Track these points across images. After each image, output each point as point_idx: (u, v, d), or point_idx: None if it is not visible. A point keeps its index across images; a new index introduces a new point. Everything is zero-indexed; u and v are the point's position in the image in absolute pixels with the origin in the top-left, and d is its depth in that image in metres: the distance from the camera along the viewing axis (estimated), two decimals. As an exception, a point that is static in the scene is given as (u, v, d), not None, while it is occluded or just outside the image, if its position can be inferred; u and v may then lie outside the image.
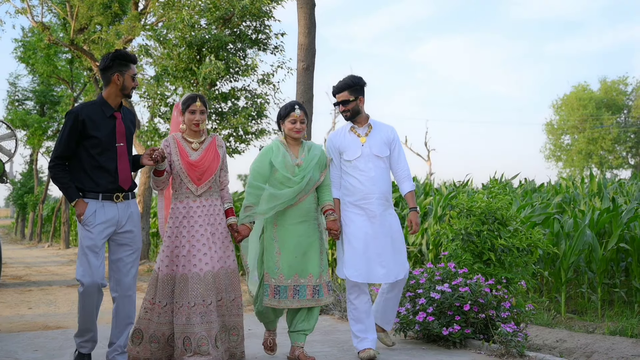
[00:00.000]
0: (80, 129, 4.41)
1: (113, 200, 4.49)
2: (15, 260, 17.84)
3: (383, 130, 5.22)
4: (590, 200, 10.59)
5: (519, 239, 5.90)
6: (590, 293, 8.30)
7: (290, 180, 4.89)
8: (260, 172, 4.95)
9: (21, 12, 15.33)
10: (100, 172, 4.45)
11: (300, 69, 8.26)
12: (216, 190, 4.85)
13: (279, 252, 4.86)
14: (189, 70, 12.12)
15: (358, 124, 5.19)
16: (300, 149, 5.03)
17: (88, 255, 4.40)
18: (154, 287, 4.68)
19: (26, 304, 8.64)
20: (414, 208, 5.20)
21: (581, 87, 47.19)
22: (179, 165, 4.74)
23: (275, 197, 4.83)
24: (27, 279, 12.20)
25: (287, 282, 4.84)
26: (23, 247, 26.78)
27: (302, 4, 8.30)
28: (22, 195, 34.60)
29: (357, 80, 5.17)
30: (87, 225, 4.43)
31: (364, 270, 4.98)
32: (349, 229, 5.05)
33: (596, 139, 44.65)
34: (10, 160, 10.87)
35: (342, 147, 5.15)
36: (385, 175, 5.14)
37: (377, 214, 5.03)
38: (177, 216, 4.72)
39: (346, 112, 5.15)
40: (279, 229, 4.90)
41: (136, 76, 4.62)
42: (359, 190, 5.04)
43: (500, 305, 5.34)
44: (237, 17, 12.12)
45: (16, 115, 26.25)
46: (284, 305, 4.86)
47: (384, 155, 5.13)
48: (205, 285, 4.54)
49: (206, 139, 4.92)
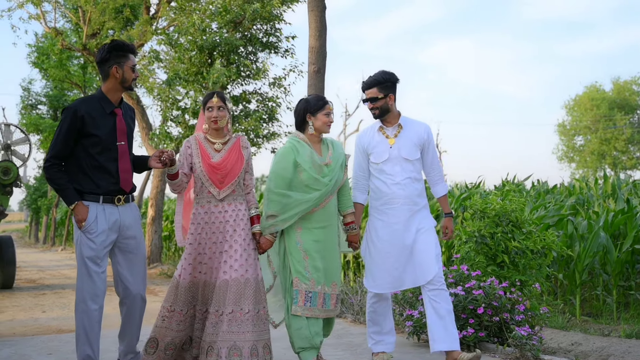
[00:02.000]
0: (79, 127, 4.07)
1: (114, 203, 4.16)
2: (29, 263, 17.94)
3: (415, 129, 4.84)
4: (604, 201, 10.52)
5: (533, 241, 5.86)
6: (606, 295, 8.24)
7: (319, 182, 4.50)
8: (283, 175, 4.50)
9: (35, 17, 15.42)
10: (100, 172, 4.12)
11: (311, 71, 8.26)
12: (240, 194, 4.51)
13: (305, 257, 4.49)
14: (200, 74, 12.16)
15: (387, 124, 4.85)
16: (323, 147, 4.67)
17: (90, 269, 4.07)
18: (173, 295, 4.41)
19: (40, 308, 8.67)
20: (449, 214, 4.93)
21: (593, 87, 46.91)
22: (200, 167, 4.45)
23: (302, 202, 4.45)
24: (41, 283, 12.26)
25: (317, 289, 4.47)
26: (37, 251, 26.93)
27: (312, 7, 8.30)
28: (35, 199, 34.82)
29: (388, 76, 4.83)
30: (89, 232, 4.08)
31: (382, 281, 4.76)
32: (371, 237, 4.83)
33: (609, 140, 44.36)
34: (24, 165, 10.94)
35: (369, 148, 4.83)
36: (414, 179, 4.79)
37: (401, 219, 4.72)
38: (198, 222, 4.44)
39: (374, 110, 4.82)
40: (304, 233, 4.52)
41: (136, 67, 4.28)
42: (384, 194, 4.75)
43: (515, 308, 5.31)
44: (248, 20, 12.14)
45: (30, 120, 26.42)
46: (314, 314, 4.46)
47: (413, 158, 4.78)
48: (226, 293, 4.27)
49: (230, 139, 4.59)
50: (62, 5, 16.85)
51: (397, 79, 4.87)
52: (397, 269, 4.71)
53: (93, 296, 4.08)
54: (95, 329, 4.10)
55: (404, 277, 4.72)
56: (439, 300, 4.61)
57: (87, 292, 4.07)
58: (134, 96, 15.17)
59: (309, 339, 4.44)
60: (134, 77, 4.25)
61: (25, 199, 39.09)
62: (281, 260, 4.62)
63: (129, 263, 4.25)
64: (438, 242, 4.79)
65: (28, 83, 28.86)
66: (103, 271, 4.12)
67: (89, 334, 4.08)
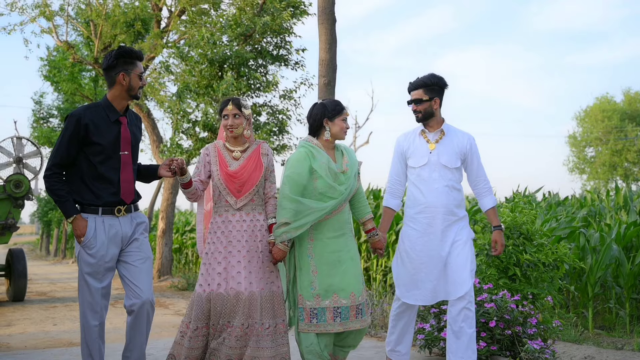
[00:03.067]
0: (82, 135, 3.93)
1: (114, 214, 4.01)
2: (40, 276, 18.00)
3: (457, 138, 4.66)
4: (616, 213, 10.47)
5: (544, 254, 5.83)
6: (618, 308, 8.18)
7: (334, 190, 4.31)
8: (299, 181, 4.28)
9: (47, 31, 15.55)
10: (101, 182, 3.98)
11: (321, 84, 8.28)
12: (259, 203, 4.39)
13: (315, 271, 4.29)
14: (210, 87, 12.21)
15: (430, 128, 4.67)
16: (337, 154, 4.50)
17: (89, 285, 3.96)
18: (191, 309, 4.29)
19: (51, 321, 8.69)
20: (499, 226, 4.68)
21: (604, 98, 46.77)
22: (218, 175, 4.34)
23: (316, 210, 4.24)
24: (52, 295, 12.29)
25: (324, 304, 4.26)
26: (48, 264, 27.03)
27: (322, 20, 8.33)
28: (47, 212, 34.99)
29: (436, 79, 4.64)
30: (88, 248, 3.95)
31: (415, 292, 4.59)
32: (404, 246, 4.65)
33: (620, 151, 44.15)
34: (36, 178, 11.01)
35: (408, 151, 4.67)
36: (452, 188, 4.59)
37: (437, 230, 4.54)
38: (215, 231, 4.33)
39: (418, 112, 4.64)
40: (316, 244, 4.32)
41: (143, 75, 4.13)
42: (419, 202, 4.58)
43: (527, 321, 5.27)
44: (258, 33, 12.20)
45: (41, 133, 26.59)
46: (325, 329, 4.27)
47: (453, 167, 4.58)
48: (243, 306, 4.15)
49: (250, 146, 4.46)
50: (73, 19, 16.99)
51: (445, 83, 4.69)
52: (431, 281, 4.54)
53: (92, 312, 3.99)
54: (96, 344, 4.02)
55: (438, 289, 4.55)
56: (462, 322, 4.47)
57: (87, 307, 3.99)
58: (144, 109, 15.26)
59: (319, 353, 4.31)
60: (141, 85, 4.11)
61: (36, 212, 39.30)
62: (291, 272, 4.47)
63: (134, 267, 4.07)
64: (474, 257, 4.62)
65: (40, 96, 29.08)
66: (104, 287, 4.00)
67: (91, 349, 4.02)
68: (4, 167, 10.75)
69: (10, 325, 8.25)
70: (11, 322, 8.49)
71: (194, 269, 16.97)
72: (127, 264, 4.07)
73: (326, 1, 8.30)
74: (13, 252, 11.37)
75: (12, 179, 10.14)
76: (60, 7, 15.63)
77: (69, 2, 15.45)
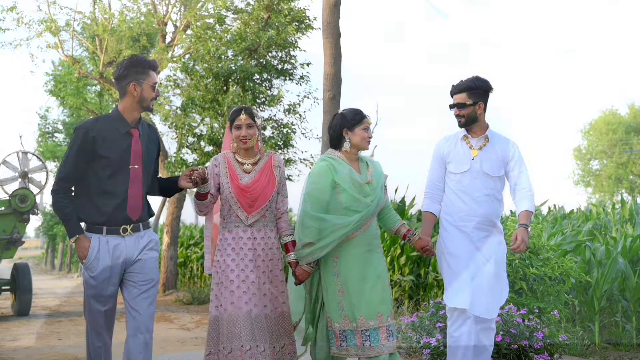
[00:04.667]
0: (90, 148, 3.72)
1: (120, 234, 3.77)
2: (45, 290, 18.00)
3: (501, 145, 4.42)
4: (622, 226, 10.44)
5: (550, 268, 5.81)
6: (625, 322, 8.13)
7: (360, 203, 4.06)
8: (320, 197, 4.05)
9: (52, 47, 15.65)
10: (106, 197, 3.74)
11: (326, 98, 8.29)
12: (271, 219, 4.17)
13: (341, 290, 4.03)
14: (215, 101, 12.26)
15: (473, 134, 4.43)
16: (362, 165, 4.26)
17: (92, 307, 3.77)
18: (209, 333, 4.08)
19: (56, 335, 8.68)
20: (525, 225, 4.31)
21: (609, 111, 46.77)
22: (229, 189, 4.08)
23: (341, 226, 3.99)
24: (57, 310, 12.28)
25: (352, 326, 4.00)
26: (53, 278, 27.04)
27: (327, 34, 8.36)
28: (52, 226, 35.02)
29: (480, 83, 4.40)
30: (90, 270, 3.74)
31: (467, 295, 4.22)
32: (447, 248, 4.36)
33: (625, 164, 44.08)
34: (41, 192, 11.04)
35: (449, 156, 4.43)
36: (494, 198, 4.36)
37: (476, 239, 4.31)
38: (224, 248, 4.09)
39: (460, 117, 4.40)
40: (342, 262, 4.06)
41: (157, 85, 3.90)
42: (460, 210, 4.33)
43: (533, 335, 5.25)
44: (263, 47, 12.26)
45: (46, 147, 26.71)
46: (352, 354, 4.01)
47: (495, 175, 4.35)
48: (254, 327, 3.91)
49: (261, 158, 4.23)
50: (79, 34, 17.10)
51: (490, 87, 4.45)
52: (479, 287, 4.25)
53: (96, 334, 3.82)
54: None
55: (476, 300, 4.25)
56: (483, 338, 4.32)
57: (91, 327, 3.83)
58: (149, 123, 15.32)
59: None
60: (154, 96, 3.88)
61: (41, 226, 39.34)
62: (314, 291, 4.22)
63: (133, 290, 3.83)
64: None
65: (45, 111, 29.22)
66: (107, 309, 3.80)
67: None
68: (9, 181, 10.79)
69: (15, 339, 8.24)
70: (16, 337, 8.48)
71: (199, 283, 16.94)
72: (129, 284, 3.83)
73: (331, 15, 8.33)
74: (18, 267, 11.39)
75: (18, 194, 10.18)
76: (66, 22, 15.73)
77: (74, 18, 15.56)
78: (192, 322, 9.72)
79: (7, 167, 10.83)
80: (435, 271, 9.50)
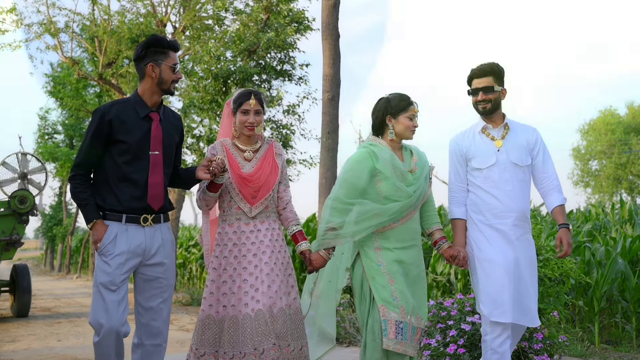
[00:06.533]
0: (106, 132, 3.53)
1: (140, 223, 3.58)
2: (45, 292, 17.98)
3: (523, 132, 4.13)
4: (621, 227, 10.43)
5: (550, 269, 5.80)
6: (625, 323, 8.13)
7: (401, 192, 3.78)
8: (356, 184, 3.78)
9: (52, 48, 15.65)
10: (125, 185, 3.55)
11: (325, 99, 8.29)
12: (274, 210, 3.90)
13: (391, 280, 3.73)
14: (214, 102, 12.27)
15: (493, 123, 4.12)
16: (405, 153, 3.98)
17: (104, 295, 3.46)
18: (199, 332, 3.80)
19: (55, 337, 8.66)
20: (565, 224, 4.01)
21: (608, 111, 46.79)
22: (229, 179, 3.81)
23: (378, 213, 3.72)
24: (56, 311, 12.27)
25: (407, 319, 3.70)
26: (52, 279, 27.01)
27: (326, 35, 8.36)
28: (51, 227, 34.99)
29: (501, 68, 4.11)
30: (105, 255, 3.51)
31: (508, 305, 3.87)
32: (481, 253, 3.99)
33: (625, 164, 44.11)
34: (40, 193, 11.03)
35: (470, 152, 4.09)
36: (525, 189, 4.05)
37: (513, 238, 3.97)
38: (225, 243, 3.80)
39: (486, 102, 4.05)
40: (384, 254, 3.78)
41: (177, 67, 3.66)
42: (491, 207, 3.99)
43: (533, 336, 5.24)
44: (262, 48, 12.27)
45: (46, 149, 26.67)
46: (406, 349, 3.69)
47: (523, 164, 4.03)
48: (258, 328, 3.60)
49: (262, 146, 3.98)
50: (78, 35, 17.10)
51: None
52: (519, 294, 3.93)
53: (108, 330, 3.46)
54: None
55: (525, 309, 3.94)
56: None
57: (103, 323, 3.46)
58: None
59: None
60: (175, 78, 3.66)
61: (40, 227, 39.33)
62: (357, 291, 3.85)
63: (151, 295, 3.66)
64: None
65: (45, 112, 29.21)
66: (121, 299, 3.51)
67: None
68: (8, 183, 10.78)
69: (14, 341, 8.23)
70: (15, 338, 8.47)
71: (198, 284, 16.93)
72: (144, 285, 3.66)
73: (330, 16, 8.34)
74: (17, 268, 11.38)
75: (17, 195, 10.17)
76: (65, 24, 15.74)
77: (73, 19, 15.56)
78: (192, 323, 9.71)
79: (6, 169, 10.82)
80: (434, 272, 9.50)
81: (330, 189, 7.94)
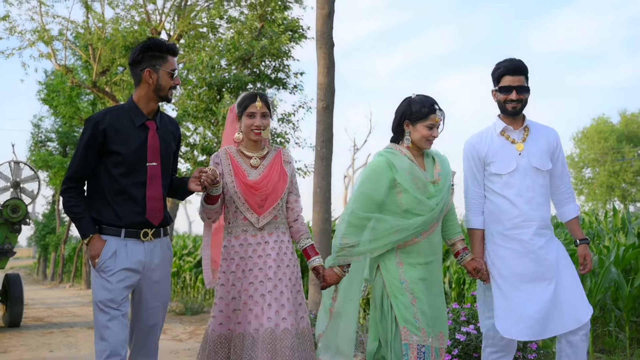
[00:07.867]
0: (100, 142, 3.31)
1: (140, 238, 3.36)
2: (37, 301, 17.89)
3: (544, 134, 3.85)
4: (614, 235, 10.43)
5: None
6: (618, 331, 8.13)
7: (423, 205, 3.50)
8: (374, 196, 3.51)
9: (45, 56, 15.64)
10: (122, 199, 3.33)
11: (319, 108, 8.29)
12: (283, 221, 3.64)
13: (414, 300, 3.47)
14: (209, 110, 12.27)
15: (515, 125, 3.83)
16: (427, 160, 3.69)
17: (105, 315, 3.26)
18: (203, 352, 3.58)
19: (47, 347, 8.61)
20: (585, 240, 3.91)
21: (601, 120, 47.00)
22: (234, 187, 3.56)
23: (401, 229, 3.47)
24: (48, 321, 12.19)
25: (429, 342, 3.46)
26: (45, 288, 26.89)
27: (321, 44, 8.36)
28: (44, 235, 34.87)
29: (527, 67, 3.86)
30: (104, 271, 3.29)
31: (524, 325, 3.67)
32: (495, 268, 3.76)
33: (618, 172, 44.29)
34: (33, 202, 10.97)
35: (489, 155, 3.80)
36: (546, 196, 3.81)
37: (535, 248, 3.70)
38: (232, 257, 3.56)
39: (518, 102, 3.77)
40: (407, 270, 3.51)
41: (176, 72, 3.44)
42: (512, 215, 3.72)
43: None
44: (256, 57, 12.29)
45: (39, 157, 26.62)
46: None
47: (545, 169, 3.77)
48: (257, 349, 3.37)
49: (269, 152, 3.73)
50: (72, 43, 17.09)
51: None
52: (539, 311, 3.68)
53: (113, 351, 3.26)
54: None
55: (548, 320, 3.71)
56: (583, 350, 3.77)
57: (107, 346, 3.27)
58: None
59: None
60: (173, 84, 3.43)
61: (33, 235, 39.20)
62: (377, 308, 3.58)
63: (146, 311, 3.48)
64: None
65: (38, 120, 29.15)
66: (124, 314, 3.33)
67: None
68: (1, 191, 10.73)
69: (5, 351, 8.17)
70: (7, 349, 8.41)
71: (192, 293, 16.86)
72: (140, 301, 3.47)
73: (324, 25, 8.34)
74: (9, 277, 11.31)
75: (9, 204, 10.12)
76: (59, 31, 15.73)
77: (67, 27, 15.55)
78: (185, 332, 9.67)
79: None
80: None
81: (324, 197, 7.97)
